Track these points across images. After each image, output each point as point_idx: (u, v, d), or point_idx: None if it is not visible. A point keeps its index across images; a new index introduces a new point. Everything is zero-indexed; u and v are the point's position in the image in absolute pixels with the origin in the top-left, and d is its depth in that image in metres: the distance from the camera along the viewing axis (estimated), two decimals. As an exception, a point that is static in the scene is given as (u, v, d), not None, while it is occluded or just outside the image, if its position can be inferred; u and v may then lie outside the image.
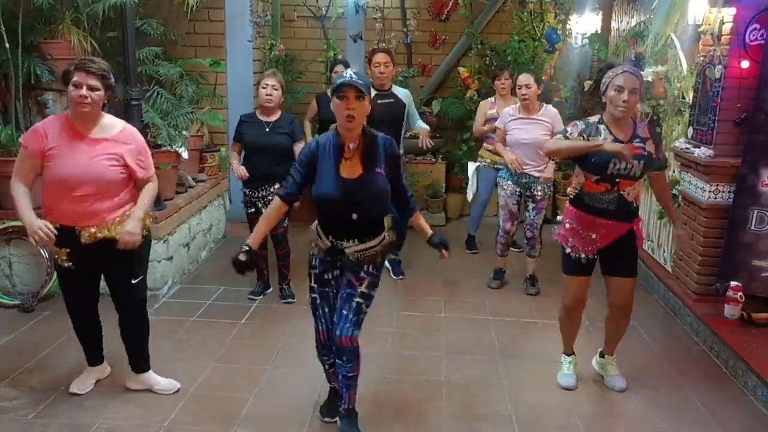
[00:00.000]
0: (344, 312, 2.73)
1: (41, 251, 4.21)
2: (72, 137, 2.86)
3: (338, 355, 2.78)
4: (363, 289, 2.75)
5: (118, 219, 2.94)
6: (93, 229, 2.90)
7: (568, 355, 3.48)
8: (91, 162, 2.85)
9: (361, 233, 2.70)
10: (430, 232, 2.93)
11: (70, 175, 2.82)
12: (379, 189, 2.67)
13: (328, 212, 2.71)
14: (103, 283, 3.16)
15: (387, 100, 4.64)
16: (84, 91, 2.78)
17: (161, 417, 3.01)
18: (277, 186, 4.13)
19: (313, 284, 2.83)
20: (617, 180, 3.02)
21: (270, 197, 4.19)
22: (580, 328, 3.47)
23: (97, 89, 2.81)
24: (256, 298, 4.46)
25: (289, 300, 4.43)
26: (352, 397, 2.85)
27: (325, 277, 2.80)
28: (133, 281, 3.07)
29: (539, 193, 4.56)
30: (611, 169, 2.98)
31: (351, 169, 2.65)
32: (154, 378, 3.25)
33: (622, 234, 3.14)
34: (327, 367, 2.96)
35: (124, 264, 3.01)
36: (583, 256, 3.17)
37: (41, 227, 2.80)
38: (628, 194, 3.08)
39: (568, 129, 3.15)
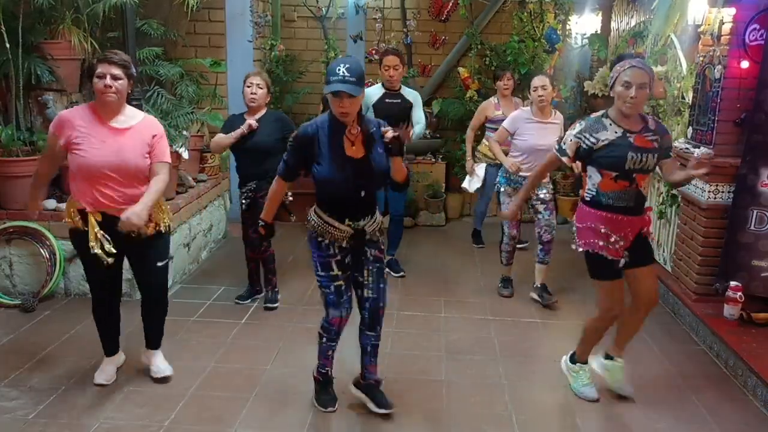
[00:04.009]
0: (381, 285, 2.97)
1: (42, 251, 4.21)
2: (98, 127, 2.98)
3: (373, 326, 3.02)
4: (385, 257, 3.04)
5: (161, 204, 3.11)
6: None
7: (585, 363, 3.36)
8: (118, 150, 2.96)
9: (370, 208, 2.89)
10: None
11: (99, 163, 2.94)
12: (382, 167, 2.83)
13: (337, 193, 2.81)
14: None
15: (394, 100, 4.68)
16: (108, 80, 2.91)
17: (161, 417, 3.01)
18: (264, 185, 4.12)
19: (336, 272, 2.89)
20: (634, 175, 2.95)
21: (260, 194, 4.11)
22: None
23: (120, 78, 2.95)
24: (242, 302, 4.36)
25: (274, 305, 4.30)
26: (375, 367, 3.13)
27: (346, 261, 2.92)
28: (159, 264, 3.20)
29: (547, 195, 4.44)
30: (629, 164, 2.91)
31: (355, 150, 2.78)
32: (157, 357, 3.38)
33: (639, 228, 3.08)
34: (331, 352, 3.07)
35: (153, 248, 3.16)
36: (611, 258, 3.04)
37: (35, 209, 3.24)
38: (644, 188, 3.04)
39: (565, 139, 3.09)
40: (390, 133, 2.70)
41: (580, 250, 3.11)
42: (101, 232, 2.99)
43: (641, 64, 2.90)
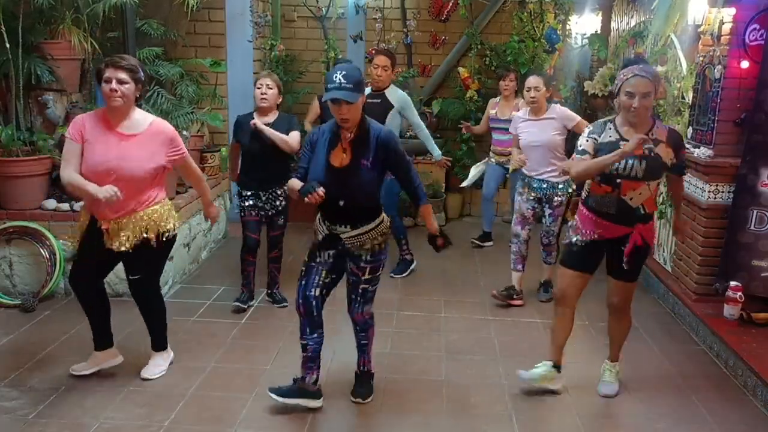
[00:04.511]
0: (353, 296, 3.02)
1: (42, 251, 4.21)
2: (105, 131, 3.01)
3: (353, 325, 3.14)
4: (366, 276, 2.96)
5: (145, 217, 3.08)
6: (118, 224, 3.05)
7: (549, 362, 3.29)
8: (120, 157, 2.98)
9: (353, 219, 2.86)
10: (432, 228, 3.03)
11: (100, 167, 2.96)
12: (361, 179, 2.82)
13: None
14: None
15: (375, 100, 4.60)
16: (114, 84, 2.92)
17: (161, 417, 3.01)
18: (274, 189, 4.14)
19: (305, 258, 3.00)
20: (618, 181, 2.92)
21: (268, 199, 4.15)
22: (580, 330, 3.44)
23: (126, 82, 2.95)
24: (243, 306, 4.27)
25: (284, 304, 4.33)
26: (364, 361, 3.20)
27: (315, 254, 2.98)
28: (131, 277, 3.22)
29: (557, 199, 4.37)
30: (611, 169, 2.90)
31: (341, 159, 2.80)
32: (154, 359, 3.40)
33: (624, 234, 3.02)
34: (302, 349, 3.06)
35: (130, 259, 3.16)
36: (578, 238, 3.12)
37: (112, 191, 2.87)
38: (631, 199, 2.94)
39: (580, 143, 3.07)
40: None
41: (565, 241, 3.23)
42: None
43: (645, 72, 2.86)
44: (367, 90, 4.67)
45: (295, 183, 2.88)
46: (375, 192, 2.90)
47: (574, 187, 4.32)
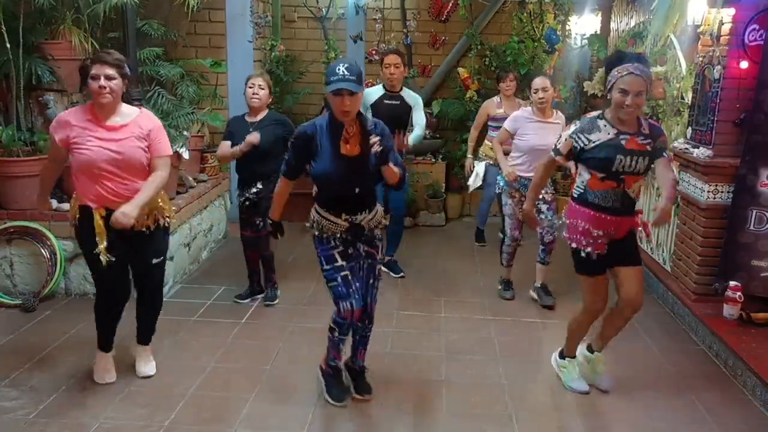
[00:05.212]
0: (371, 281, 3.05)
1: (42, 251, 4.22)
2: (95, 126, 3.01)
3: (364, 321, 3.10)
4: (380, 255, 3.08)
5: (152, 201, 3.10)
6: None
7: (573, 358, 3.44)
8: (116, 146, 2.99)
9: (368, 203, 2.97)
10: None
11: (97, 160, 2.97)
12: (374, 166, 2.89)
13: (332, 189, 2.92)
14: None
15: (393, 102, 4.70)
16: (102, 81, 2.93)
17: (162, 417, 3.02)
18: (263, 184, 4.12)
19: (341, 263, 2.96)
20: (622, 177, 2.97)
21: (259, 193, 4.13)
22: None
23: (114, 78, 2.97)
24: (241, 301, 4.37)
25: (269, 303, 4.35)
26: (363, 353, 3.24)
27: (350, 252, 3.00)
28: (155, 261, 3.25)
29: (549, 195, 4.42)
30: (617, 166, 2.94)
31: (350, 149, 2.85)
32: (141, 356, 3.41)
33: (628, 227, 3.11)
34: (342, 346, 3.12)
35: (150, 244, 3.20)
36: (596, 253, 3.10)
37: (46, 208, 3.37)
38: (633, 191, 3.04)
39: (558, 141, 3.14)
40: (376, 147, 2.77)
41: (568, 243, 3.21)
42: (104, 233, 3.03)
43: (639, 71, 2.88)
44: (381, 90, 4.73)
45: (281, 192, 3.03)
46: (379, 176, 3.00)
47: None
